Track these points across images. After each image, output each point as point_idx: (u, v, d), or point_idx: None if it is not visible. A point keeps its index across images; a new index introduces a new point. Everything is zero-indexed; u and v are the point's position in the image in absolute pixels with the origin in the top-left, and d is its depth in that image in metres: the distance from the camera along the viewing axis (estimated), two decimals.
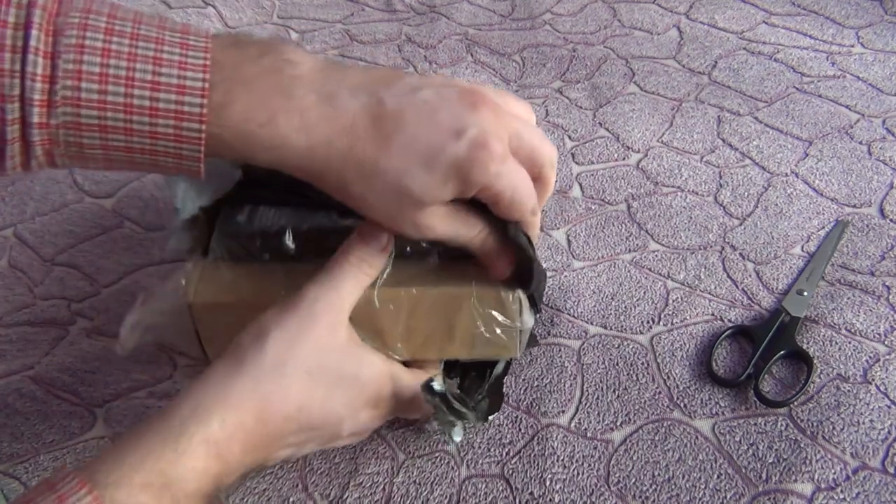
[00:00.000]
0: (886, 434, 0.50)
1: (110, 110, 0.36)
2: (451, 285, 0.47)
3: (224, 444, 0.38)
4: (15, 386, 0.55)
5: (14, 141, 0.37)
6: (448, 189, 0.40)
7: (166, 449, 0.36)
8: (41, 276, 0.62)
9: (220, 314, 0.47)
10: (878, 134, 0.73)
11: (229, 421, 0.38)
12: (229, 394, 0.39)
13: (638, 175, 0.70)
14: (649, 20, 0.89)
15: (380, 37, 0.87)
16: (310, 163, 0.39)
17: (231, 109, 0.37)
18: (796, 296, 0.58)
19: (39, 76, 0.35)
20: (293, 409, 0.41)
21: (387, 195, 0.40)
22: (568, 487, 0.49)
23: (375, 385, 0.44)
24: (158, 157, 0.38)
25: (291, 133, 0.38)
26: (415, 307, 0.47)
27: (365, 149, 0.39)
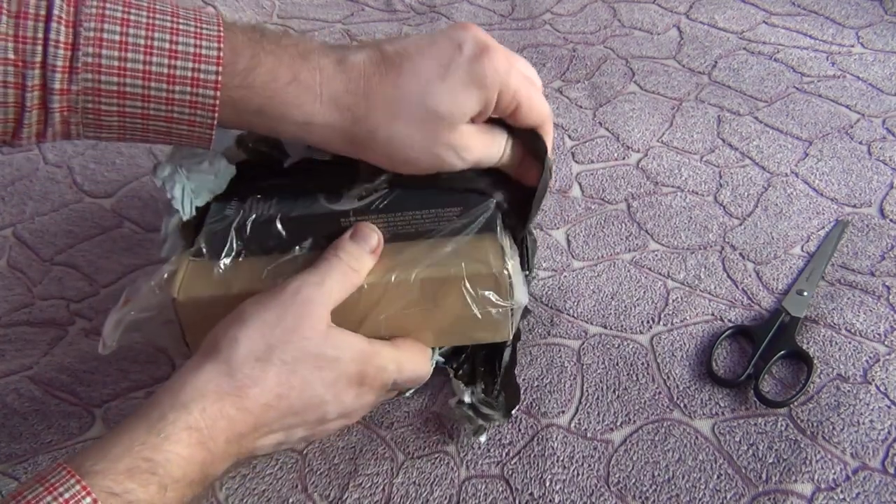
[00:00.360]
0: (886, 434, 0.50)
1: (129, 76, 0.38)
2: (440, 268, 0.47)
3: (207, 432, 0.38)
4: (14, 386, 0.55)
5: (33, 108, 0.38)
6: (471, 99, 0.43)
7: (150, 435, 0.37)
8: (40, 276, 0.62)
9: (204, 309, 0.46)
10: (878, 134, 0.73)
11: (209, 410, 0.38)
12: (206, 384, 0.39)
13: (638, 175, 0.70)
14: (649, 20, 0.89)
15: (380, 37, 0.87)
16: (335, 116, 0.42)
17: (258, 71, 0.40)
18: (796, 296, 0.58)
19: (62, 43, 0.37)
20: (272, 397, 0.40)
21: (416, 125, 0.43)
22: (568, 488, 0.49)
23: (357, 364, 0.43)
24: (172, 125, 0.40)
25: (315, 87, 0.41)
26: (403, 295, 0.46)
27: (382, 83, 0.42)
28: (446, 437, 0.51)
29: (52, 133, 0.40)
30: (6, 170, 0.72)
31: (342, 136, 0.43)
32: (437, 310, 0.47)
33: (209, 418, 0.38)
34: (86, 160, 0.72)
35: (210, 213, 0.49)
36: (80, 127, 0.40)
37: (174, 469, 0.37)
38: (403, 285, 0.46)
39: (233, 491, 0.49)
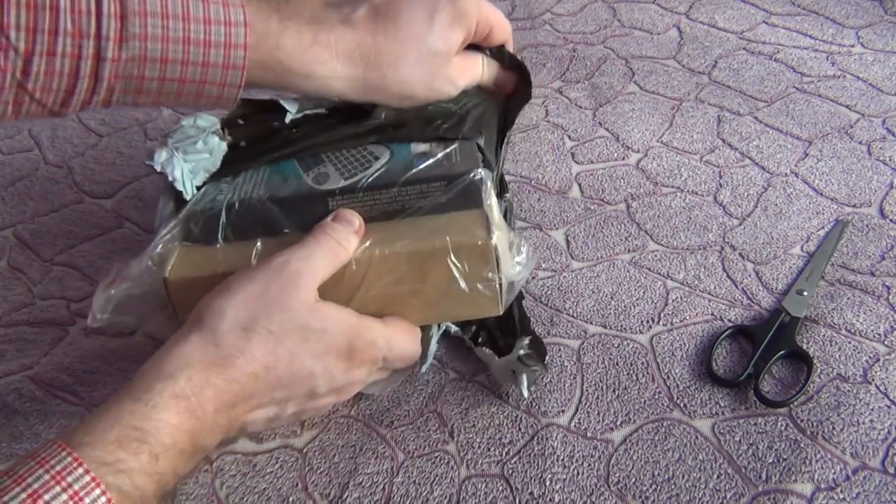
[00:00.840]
0: (886, 434, 0.50)
1: (171, 42, 0.43)
2: (424, 241, 0.47)
3: (194, 400, 0.38)
4: (14, 386, 0.55)
5: (86, 77, 0.42)
6: (457, 33, 0.52)
7: (138, 405, 0.37)
8: (40, 276, 0.62)
9: (196, 288, 0.46)
10: (878, 134, 0.73)
11: (195, 378, 0.39)
12: (193, 354, 0.39)
13: (637, 175, 0.70)
14: (649, 20, 0.89)
15: None
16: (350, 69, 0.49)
17: (286, 34, 0.46)
18: (796, 296, 0.58)
19: (114, 15, 0.41)
20: (259, 367, 0.41)
21: (418, 66, 0.51)
22: (568, 487, 0.49)
23: (345, 336, 0.44)
24: (205, 86, 0.45)
25: (332, 46, 0.48)
26: (390, 270, 0.47)
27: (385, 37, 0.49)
28: (446, 436, 0.52)
29: (96, 101, 0.44)
30: (6, 170, 0.72)
31: (358, 85, 0.50)
32: (424, 285, 0.47)
33: (196, 386, 0.39)
34: (86, 160, 0.72)
35: (203, 192, 0.51)
36: (121, 94, 0.44)
37: (164, 437, 0.37)
38: (390, 260, 0.46)
39: (233, 489, 0.49)
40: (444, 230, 0.47)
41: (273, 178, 0.51)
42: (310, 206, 0.48)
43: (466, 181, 0.49)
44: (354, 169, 0.51)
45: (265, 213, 0.49)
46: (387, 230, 0.48)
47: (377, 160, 0.51)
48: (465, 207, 0.48)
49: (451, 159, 0.51)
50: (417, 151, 0.52)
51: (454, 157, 0.51)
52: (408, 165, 0.50)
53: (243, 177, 0.52)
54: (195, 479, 0.49)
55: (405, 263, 0.47)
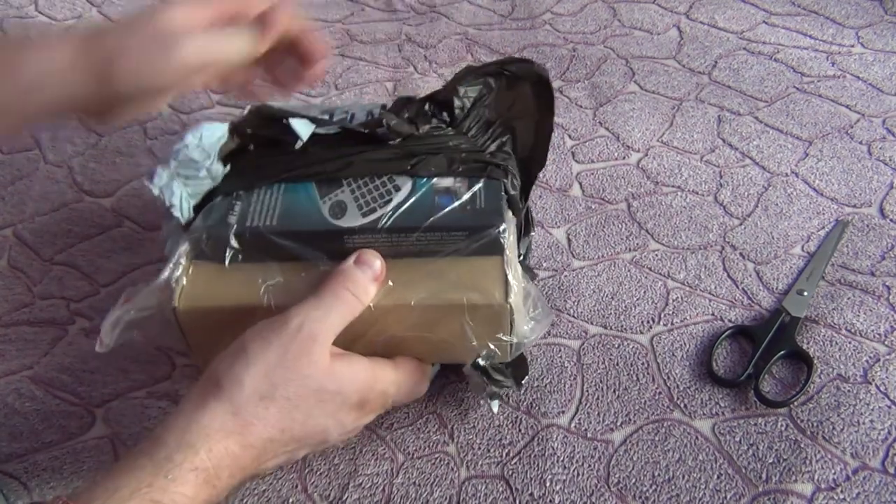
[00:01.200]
0: (886, 434, 0.50)
1: None
2: (440, 295, 0.46)
3: (213, 471, 0.39)
4: (14, 386, 0.55)
5: None
6: None
7: (157, 477, 0.37)
8: (40, 276, 0.62)
9: (206, 318, 0.47)
10: (878, 134, 0.73)
11: (215, 450, 0.39)
12: (211, 423, 0.39)
13: (638, 174, 0.70)
14: (649, 20, 0.89)
15: (380, 36, 0.87)
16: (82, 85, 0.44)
17: None
18: (796, 296, 0.58)
19: None
20: (276, 432, 0.41)
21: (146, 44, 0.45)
22: (568, 488, 0.49)
23: (359, 392, 0.44)
24: None
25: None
26: (402, 319, 0.46)
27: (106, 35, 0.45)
28: (446, 437, 0.51)
29: None
30: (6, 170, 0.72)
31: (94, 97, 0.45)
32: (434, 335, 0.47)
33: (215, 458, 0.39)
34: (86, 160, 0.72)
35: (213, 208, 0.49)
36: None
37: None
38: (403, 310, 0.46)
39: None
40: (462, 283, 0.46)
41: (288, 200, 0.49)
42: (326, 243, 0.47)
43: (490, 236, 0.48)
44: (374, 202, 0.49)
45: (278, 245, 0.47)
46: (404, 272, 0.47)
47: (397, 192, 0.49)
48: (486, 253, 0.48)
49: (476, 203, 0.49)
50: (441, 187, 0.50)
51: (478, 202, 0.49)
52: (430, 205, 0.48)
53: (256, 195, 0.50)
54: None
55: (420, 314, 0.46)
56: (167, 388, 0.55)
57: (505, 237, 0.48)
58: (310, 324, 0.42)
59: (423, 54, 0.84)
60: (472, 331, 0.46)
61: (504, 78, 0.54)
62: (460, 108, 0.53)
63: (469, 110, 0.53)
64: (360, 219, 0.47)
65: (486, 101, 0.54)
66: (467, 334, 0.47)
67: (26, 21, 0.84)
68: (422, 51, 0.84)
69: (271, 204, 0.49)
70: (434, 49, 0.84)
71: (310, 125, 0.52)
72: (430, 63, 0.83)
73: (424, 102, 0.54)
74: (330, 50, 0.51)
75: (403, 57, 0.84)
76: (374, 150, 0.51)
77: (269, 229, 0.47)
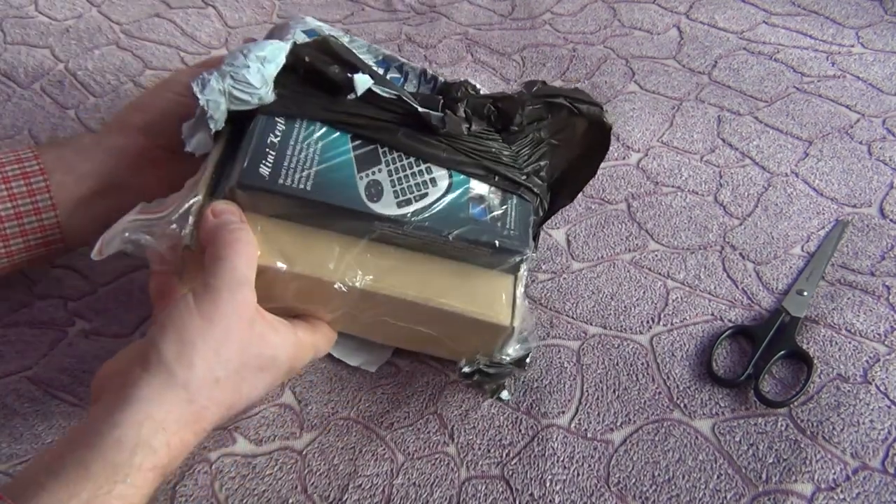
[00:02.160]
0: (886, 434, 0.50)
1: None
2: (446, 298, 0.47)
3: (168, 465, 0.39)
4: (13, 386, 0.55)
5: None
6: None
7: (117, 484, 0.37)
8: (39, 277, 0.62)
9: None
10: (878, 134, 0.73)
11: (173, 444, 0.39)
12: (168, 417, 0.39)
13: (638, 174, 0.70)
14: (649, 20, 0.89)
15: (380, 37, 0.86)
16: None
17: None
18: (796, 296, 0.58)
19: None
20: (224, 410, 0.42)
21: None
22: (568, 488, 0.49)
23: (290, 360, 0.45)
24: None
25: None
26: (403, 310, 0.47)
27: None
28: (447, 437, 0.51)
29: None
30: None
31: None
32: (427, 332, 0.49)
33: (172, 451, 0.39)
34: None
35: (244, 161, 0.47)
36: None
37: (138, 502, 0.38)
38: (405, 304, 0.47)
39: (232, 491, 0.49)
40: (474, 295, 0.47)
41: (325, 161, 0.48)
42: (353, 221, 0.47)
43: (512, 261, 0.49)
44: (409, 191, 0.48)
45: (305, 210, 0.47)
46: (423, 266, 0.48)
47: (434, 186, 0.49)
48: (500, 270, 0.49)
49: (506, 223, 0.49)
50: (475, 194, 0.50)
51: (509, 220, 0.49)
52: (463, 212, 0.49)
53: (294, 139, 0.48)
54: (195, 480, 0.49)
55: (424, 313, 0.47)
56: None
57: (525, 265, 0.49)
58: (232, 289, 0.42)
59: (423, 54, 0.84)
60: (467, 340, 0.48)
61: (567, 110, 0.54)
62: (518, 124, 0.53)
63: (523, 127, 0.53)
64: (395, 208, 0.47)
65: (541, 125, 0.54)
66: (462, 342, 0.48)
67: (26, 21, 0.84)
68: (422, 51, 0.84)
69: (308, 160, 0.48)
70: (434, 49, 0.84)
71: (368, 81, 0.50)
72: (430, 63, 0.83)
73: (486, 103, 0.53)
74: None
75: (403, 57, 0.84)
76: (420, 132, 0.51)
77: (302, 194, 0.46)
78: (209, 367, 0.40)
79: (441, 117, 0.50)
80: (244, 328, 0.42)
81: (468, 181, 0.50)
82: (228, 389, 0.41)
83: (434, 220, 0.48)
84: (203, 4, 0.89)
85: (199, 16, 0.88)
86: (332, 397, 0.54)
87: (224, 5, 0.89)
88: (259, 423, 0.52)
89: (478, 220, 0.48)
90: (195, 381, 0.40)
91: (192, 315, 0.41)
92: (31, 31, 0.83)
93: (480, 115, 0.52)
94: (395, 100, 0.50)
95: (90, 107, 0.77)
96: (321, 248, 0.47)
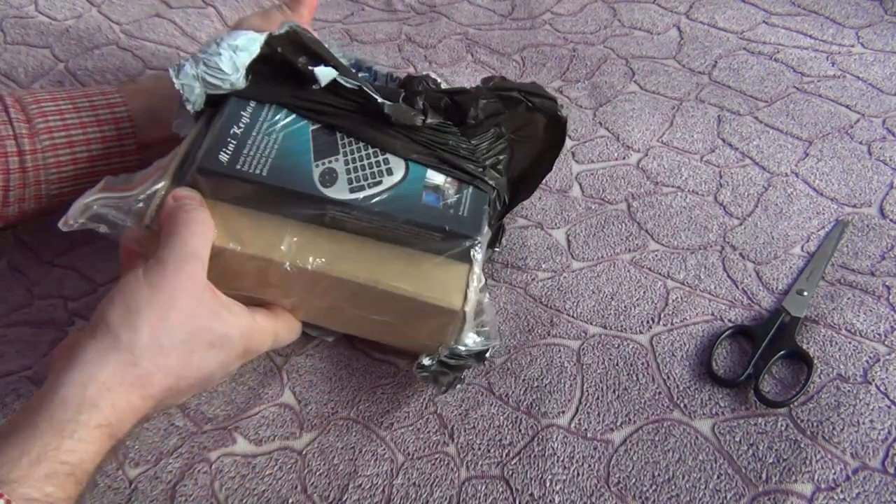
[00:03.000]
0: (886, 434, 0.50)
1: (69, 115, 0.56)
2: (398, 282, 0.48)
3: (116, 425, 0.40)
4: (13, 386, 0.55)
5: (15, 171, 0.53)
6: None
7: (64, 439, 0.38)
8: (39, 277, 0.62)
9: None
10: (878, 134, 0.73)
11: (118, 403, 0.40)
12: (112, 378, 0.40)
13: (638, 174, 0.70)
14: (649, 20, 0.89)
15: (380, 37, 0.86)
16: None
17: None
18: (796, 296, 0.58)
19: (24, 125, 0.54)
20: (173, 380, 0.42)
21: None
22: (568, 488, 0.49)
23: (243, 341, 0.46)
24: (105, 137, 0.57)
25: None
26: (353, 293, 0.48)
27: None
28: (446, 437, 0.51)
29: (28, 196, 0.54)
30: None
31: None
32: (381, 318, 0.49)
33: (118, 411, 0.40)
34: None
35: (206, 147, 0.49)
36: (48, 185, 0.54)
37: (88, 465, 0.38)
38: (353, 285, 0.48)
39: (232, 491, 0.49)
40: (424, 279, 0.48)
41: (284, 149, 0.50)
42: (307, 207, 0.49)
43: (462, 245, 0.49)
44: (364, 179, 0.50)
45: (260, 196, 0.49)
46: (373, 251, 0.49)
47: (389, 176, 0.50)
48: (455, 258, 0.49)
49: (459, 210, 0.50)
50: (430, 183, 0.51)
51: (462, 208, 0.50)
52: (416, 198, 0.49)
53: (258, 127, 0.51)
54: (194, 480, 0.49)
55: (373, 296, 0.48)
56: None
57: (477, 249, 0.49)
58: (183, 262, 0.43)
59: (423, 54, 0.84)
60: (420, 327, 0.48)
61: (523, 104, 0.55)
62: (474, 117, 0.54)
63: (481, 121, 0.54)
64: (347, 193, 0.49)
65: (499, 119, 0.55)
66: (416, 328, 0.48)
67: (26, 21, 0.84)
68: (422, 51, 0.84)
69: (267, 148, 0.50)
70: (434, 49, 0.84)
71: (331, 73, 0.53)
72: (430, 63, 0.83)
73: (443, 97, 0.54)
74: None
75: (403, 57, 0.84)
76: (380, 122, 0.52)
77: (257, 178, 0.48)
78: (153, 333, 0.41)
79: (392, 106, 0.52)
80: (192, 300, 0.43)
81: (425, 171, 0.51)
82: (174, 357, 0.42)
83: (385, 204, 0.49)
84: (203, 4, 0.89)
85: (199, 16, 0.88)
86: (332, 397, 0.54)
87: (224, 5, 0.89)
88: (259, 423, 0.52)
89: (430, 206, 0.49)
90: (139, 345, 0.41)
91: (140, 284, 0.42)
92: (31, 31, 0.83)
93: (437, 108, 0.54)
94: (357, 90, 0.53)
95: None
96: (275, 231, 0.48)
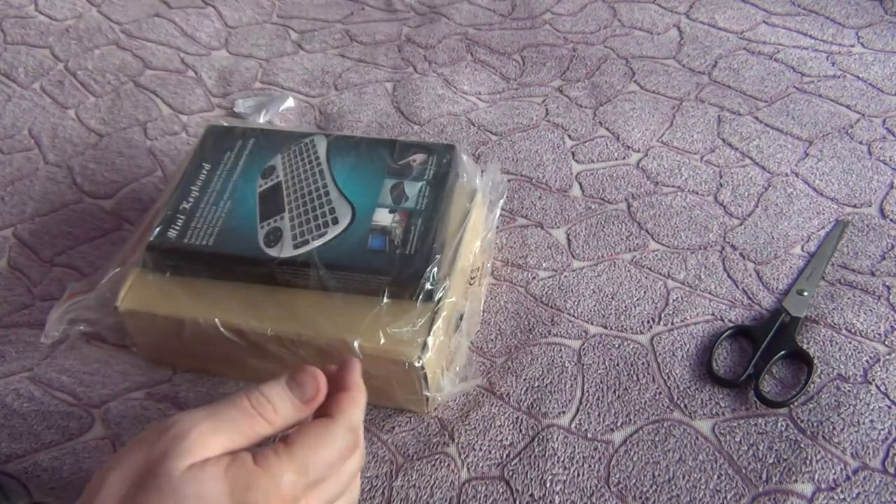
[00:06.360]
0: (886, 434, 0.50)
1: None
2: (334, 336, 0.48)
3: None
4: (14, 386, 0.55)
5: None
6: None
7: None
8: (40, 277, 0.62)
9: (148, 320, 0.51)
10: (878, 134, 0.73)
11: None
12: None
13: (638, 174, 0.70)
14: (649, 20, 0.89)
15: (380, 37, 0.86)
16: None
17: None
18: (796, 296, 0.58)
19: None
20: None
21: None
22: (568, 488, 0.49)
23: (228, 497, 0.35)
24: None
25: None
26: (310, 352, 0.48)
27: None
28: (447, 438, 0.51)
29: None
30: (6, 170, 0.72)
31: None
32: None
33: None
34: (86, 160, 0.72)
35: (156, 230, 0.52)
36: None
37: None
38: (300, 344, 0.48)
39: None
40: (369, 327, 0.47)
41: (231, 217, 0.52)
42: (256, 269, 0.50)
43: (418, 284, 0.48)
44: (308, 233, 0.50)
45: (210, 264, 0.51)
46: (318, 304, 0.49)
47: (335, 225, 0.50)
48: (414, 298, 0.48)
49: (407, 247, 0.49)
50: (377, 226, 0.50)
51: (410, 247, 0.49)
52: (361, 244, 0.49)
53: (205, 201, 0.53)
54: None
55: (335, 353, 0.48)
56: (167, 391, 0.55)
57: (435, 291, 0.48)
58: (182, 423, 0.35)
59: (422, 54, 0.84)
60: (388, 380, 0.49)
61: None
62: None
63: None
64: (292, 250, 0.49)
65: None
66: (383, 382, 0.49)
67: (26, 21, 0.84)
68: (422, 51, 0.84)
69: (214, 217, 0.52)
70: (434, 49, 0.84)
71: None
72: (430, 63, 0.83)
73: None
74: None
75: (403, 57, 0.84)
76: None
77: (204, 249, 0.50)
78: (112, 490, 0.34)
79: None
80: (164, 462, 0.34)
81: (371, 214, 0.51)
82: None
83: (329, 255, 0.49)
84: (203, 4, 0.89)
85: (199, 16, 0.88)
86: None
87: (224, 5, 0.89)
88: None
89: (376, 250, 0.49)
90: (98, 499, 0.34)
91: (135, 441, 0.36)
92: (31, 31, 0.83)
93: None
94: None
95: (90, 107, 0.77)
96: (222, 295, 0.50)
